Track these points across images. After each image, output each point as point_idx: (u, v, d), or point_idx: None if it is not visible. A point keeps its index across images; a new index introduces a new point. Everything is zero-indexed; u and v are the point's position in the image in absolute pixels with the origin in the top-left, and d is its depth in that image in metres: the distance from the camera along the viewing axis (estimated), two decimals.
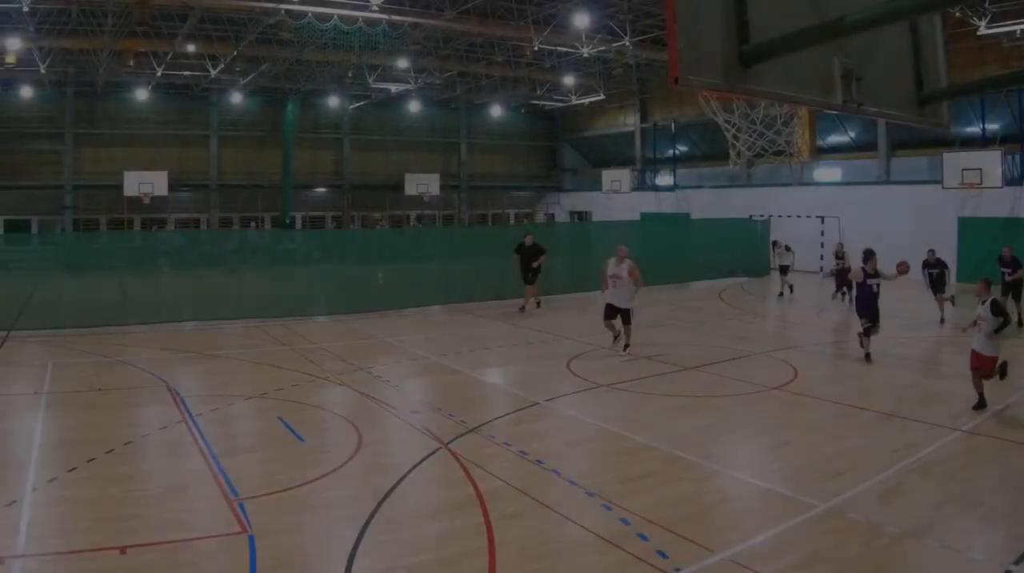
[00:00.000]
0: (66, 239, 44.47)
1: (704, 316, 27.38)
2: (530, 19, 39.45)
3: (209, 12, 36.83)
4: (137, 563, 8.59)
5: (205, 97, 55.61)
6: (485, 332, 24.53)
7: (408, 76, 50.59)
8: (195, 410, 14.79)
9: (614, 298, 20.30)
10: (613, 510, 10.09)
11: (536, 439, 13.26)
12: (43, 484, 10.91)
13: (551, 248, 28.77)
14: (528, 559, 8.81)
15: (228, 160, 57.77)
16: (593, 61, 48.71)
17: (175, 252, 37.51)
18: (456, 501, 10.47)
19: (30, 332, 23.20)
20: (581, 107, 60.49)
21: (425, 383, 18.13)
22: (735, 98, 31.55)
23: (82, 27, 38.55)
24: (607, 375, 18.07)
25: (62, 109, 52.46)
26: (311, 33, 38.11)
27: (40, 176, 52.35)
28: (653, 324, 25.36)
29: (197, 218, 57.15)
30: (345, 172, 61.45)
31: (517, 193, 68.29)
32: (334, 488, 11.02)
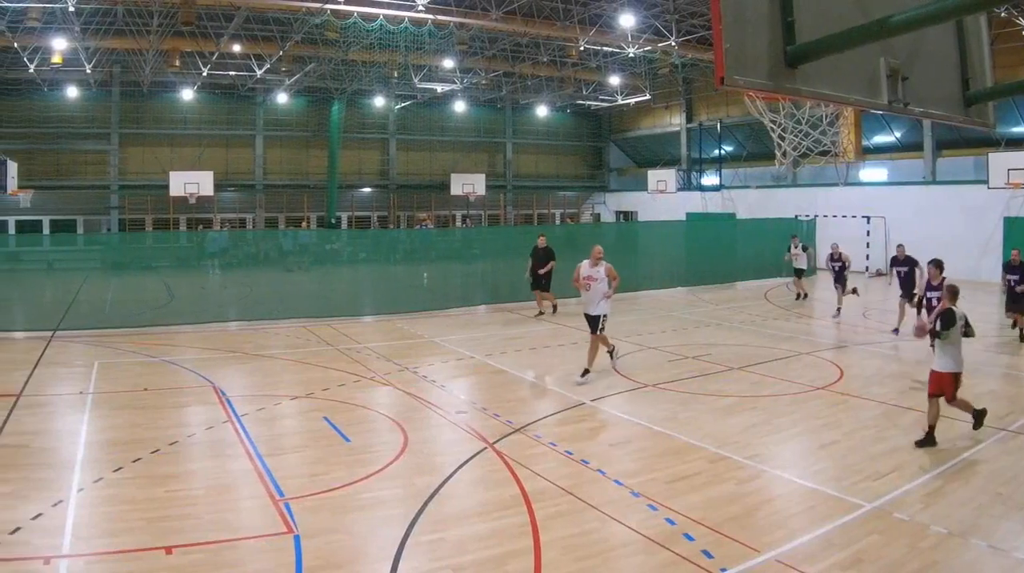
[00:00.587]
0: (111, 239, 44.73)
1: (749, 316, 27.25)
2: (576, 19, 39.49)
3: (255, 12, 36.95)
4: (183, 563, 8.63)
5: (251, 97, 55.80)
6: (530, 332, 24.49)
7: (454, 76, 50.63)
8: (241, 410, 14.85)
9: (588, 304, 18.13)
10: (659, 510, 10.11)
11: (582, 439, 13.26)
12: (89, 484, 10.97)
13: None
14: (574, 559, 8.80)
15: (274, 160, 57.98)
16: (639, 61, 48.67)
17: (224, 252, 37.75)
18: (502, 501, 10.49)
19: (76, 332, 23.29)
20: (627, 107, 60.37)
21: (471, 383, 18.11)
22: (781, 98, 31.37)
23: (128, 27, 38.79)
24: (652, 375, 18.06)
25: (108, 109, 52.75)
26: (357, 33, 38.19)
27: (86, 176, 52.67)
28: (699, 324, 25.43)
29: (243, 218, 57.32)
30: (391, 172, 61.52)
31: (562, 193, 68.17)
32: (380, 488, 11.04)
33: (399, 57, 44.11)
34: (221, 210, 55.82)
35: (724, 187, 53.64)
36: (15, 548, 8.86)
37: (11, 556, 8.66)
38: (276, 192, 57.76)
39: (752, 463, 11.83)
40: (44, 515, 9.78)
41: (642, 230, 45.79)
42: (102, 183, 52.74)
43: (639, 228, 48.41)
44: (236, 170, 56.44)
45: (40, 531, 9.34)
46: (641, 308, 28.98)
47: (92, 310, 27.19)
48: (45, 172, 50.64)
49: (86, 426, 13.93)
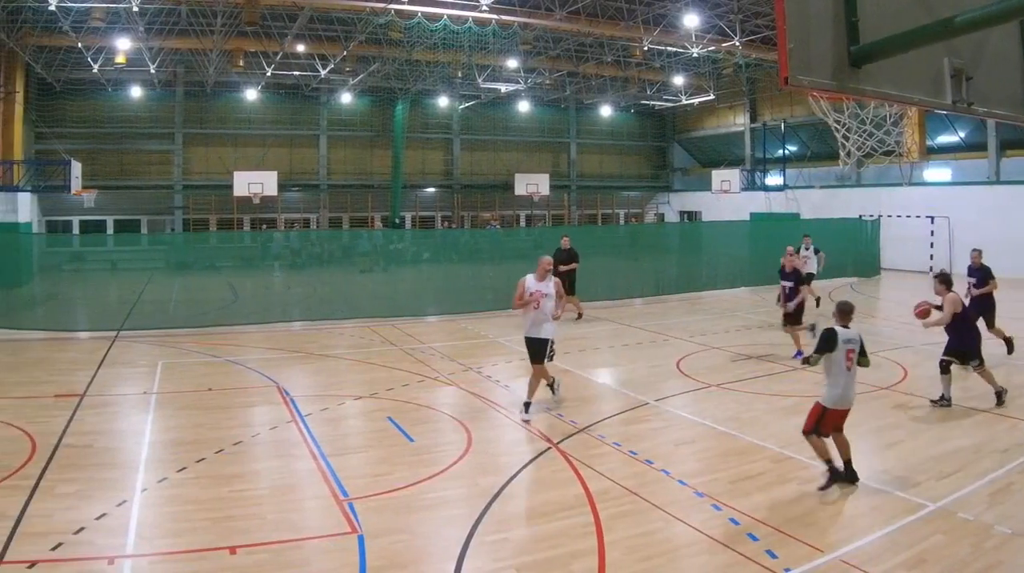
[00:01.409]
0: (175, 239, 45.15)
1: (813, 316, 26.93)
2: (640, 19, 39.45)
3: (318, 12, 37.21)
4: (247, 563, 8.70)
5: (315, 97, 56.15)
6: (594, 332, 24.46)
7: (518, 76, 50.74)
8: (305, 410, 14.94)
9: (534, 327, 15.13)
10: (723, 510, 10.12)
11: (646, 439, 13.28)
12: (153, 484, 11.08)
13: (661, 248, 28.37)
14: (637, 559, 8.81)
15: (337, 160, 58.27)
16: (703, 61, 48.64)
17: (291, 253, 38.01)
18: (565, 501, 10.51)
19: (140, 332, 23.49)
20: (691, 107, 60.41)
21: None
22: (845, 98, 31.20)
23: (191, 27, 39.13)
24: (716, 375, 18.06)
25: (171, 109, 53.34)
26: (421, 33, 38.31)
27: (150, 176, 53.28)
28: (762, 325, 25.52)
29: (307, 218, 57.63)
30: (455, 172, 61.74)
31: (626, 193, 68.07)
32: (444, 488, 11.09)
33: (463, 57, 44.22)
34: (285, 210, 56.21)
35: (788, 187, 53.30)
36: (79, 548, 8.93)
37: (75, 556, 8.73)
38: (340, 192, 58.03)
39: (816, 463, 11.63)
40: (108, 515, 9.87)
41: (706, 230, 45.76)
42: (166, 183, 53.33)
43: (703, 228, 48.35)
44: (300, 170, 56.80)
45: (104, 531, 9.42)
46: (705, 308, 28.93)
47: (156, 310, 27.44)
48: (109, 172, 51.22)
49: (150, 426, 14.06)
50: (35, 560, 8.55)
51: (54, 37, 38.77)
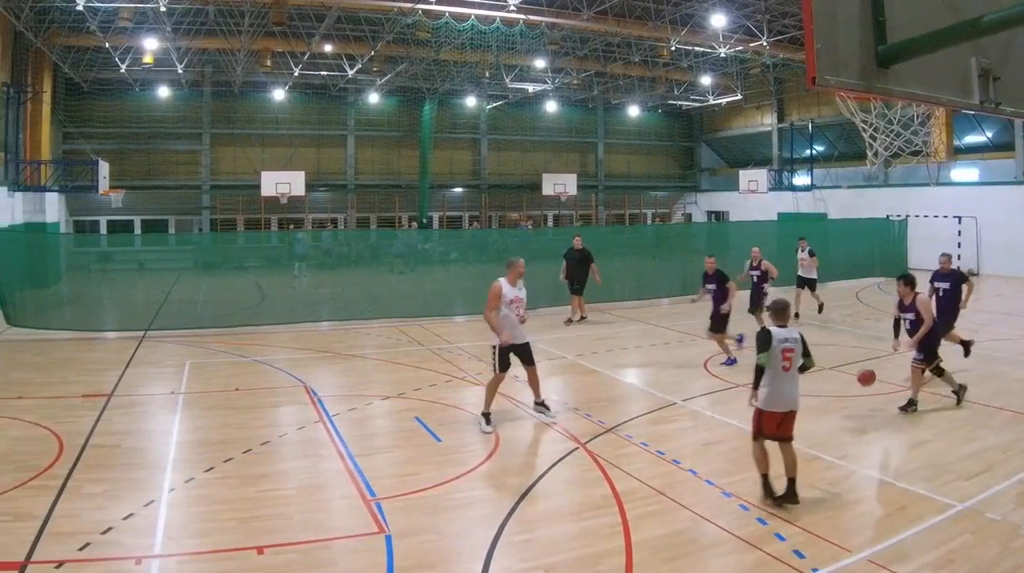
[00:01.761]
0: (203, 239, 45.28)
1: (841, 316, 27.03)
2: (667, 19, 39.40)
3: (346, 12, 37.23)
4: (274, 563, 8.72)
5: (342, 97, 56.22)
6: (622, 332, 24.45)
7: (545, 76, 50.75)
8: (332, 410, 14.95)
9: (517, 330, 14.58)
10: (750, 510, 10.13)
11: (673, 439, 13.27)
12: (180, 484, 11.10)
13: (689, 248, 28.15)
14: (665, 559, 8.80)
15: (365, 160, 58.35)
16: (730, 61, 48.62)
17: (322, 252, 38.08)
18: (593, 501, 10.51)
19: (167, 332, 23.55)
20: (718, 107, 60.43)
21: (562, 383, 18.05)
22: (872, 98, 31.08)
23: (219, 27, 39.21)
24: (744, 375, 17.71)
25: (199, 109, 53.55)
26: (448, 33, 38.37)
27: (177, 176, 53.48)
28: (791, 324, 25.06)
29: (334, 218, 57.75)
30: (482, 172, 61.74)
31: (654, 193, 67.91)
32: (471, 488, 11.11)
33: (491, 57, 44.26)
34: (312, 210, 56.30)
35: (815, 187, 53.16)
36: (107, 548, 8.95)
37: (103, 556, 8.76)
38: (367, 192, 58.13)
39: (843, 463, 11.81)
40: (136, 515, 9.90)
41: (733, 230, 45.60)
42: (194, 183, 53.51)
43: (730, 228, 48.23)
44: (327, 170, 56.89)
45: (132, 531, 9.44)
46: (733, 309, 28.76)
47: (183, 310, 27.54)
48: (137, 172, 51.41)
49: (177, 426, 14.10)
50: (63, 560, 8.57)
51: (82, 37, 38.93)
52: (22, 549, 8.79)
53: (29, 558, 8.61)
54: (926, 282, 18.63)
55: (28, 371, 18.64)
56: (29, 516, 9.73)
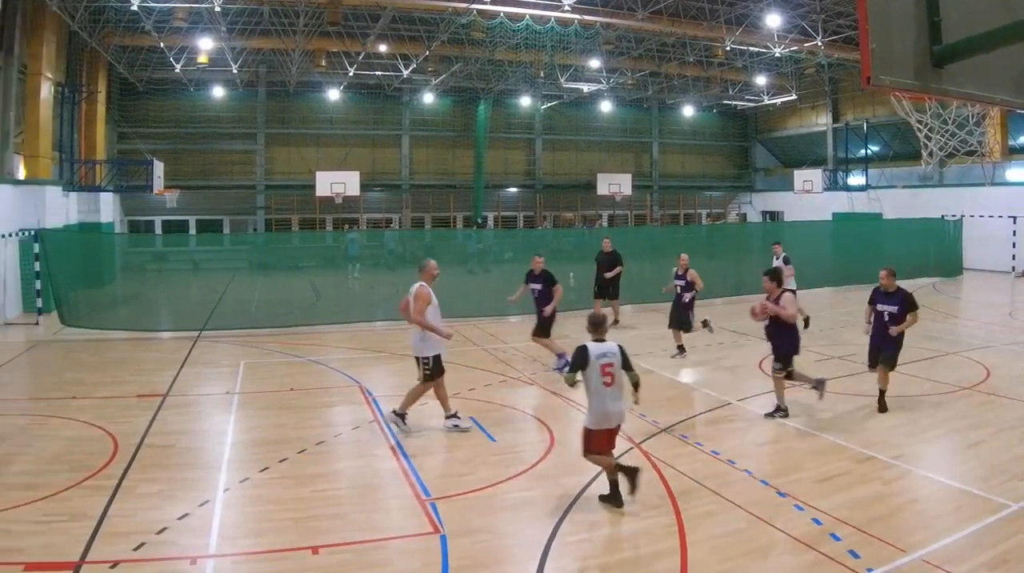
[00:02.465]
0: (258, 239, 45.57)
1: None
2: (722, 19, 39.29)
3: (401, 12, 37.24)
4: (329, 563, 8.76)
5: (397, 97, 56.31)
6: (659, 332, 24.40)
7: (600, 76, 50.58)
8: (387, 410, 14.89)
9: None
10: (805, 510, 10.10)
11: (728, 439, 13.28)
12: (235, 484, 11.18)
13: (743, 248, 27.92)
14: (720, 559, 8.82)
15: (420, 160, 58.47)
16: (785, 61, 48.37)
17: (388, 252, 38.20)
18: (648, 501, 10.50)
19: (222, 331, 23.67)
20: (773, 107, 60.04)
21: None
22: (927, 98, 30.82)
23: (274, 27, 39.42)
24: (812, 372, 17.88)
25: (254, 109, 53.89)
26: (503, 33, 38.40)
27: (232, 176, 53.79)
28: (845, 324, 25.42)
29: (389, 218, 57.83)
30: (537, 172, 61.70)
31: (709, 193, 67.64)
32: (526, 488, 11.14)
33: (545, 57, 44.18)
34: (367, 210, 56.38)
35: (870, 187, 52.80)
36: (162, 548, 9.03)
37: (158, 556, 8.84)
38: (422, 192, 58.21)
39: (898, 463, 11.77)
40: (191, 515, 9.98)
41: (788, 230, 45.41)
42: (248, 183, 53.82)
43: (785, 228, 48.01)
44: (382, 170, 57.04)
45: (186, 531, 9.52)
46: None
47: (238, 310, 27.69)
48: (191, 172, 51.75)
49: (232, 426, 14.22)
50: (117, 560, 8.63)
51: (136, 37, 39.14)
52: (77, 549, 8.84)
53: (84, 558, 8.66)
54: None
55: (83, 371, 18.81)
56: (84, 516, 9.80)
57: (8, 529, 9.44)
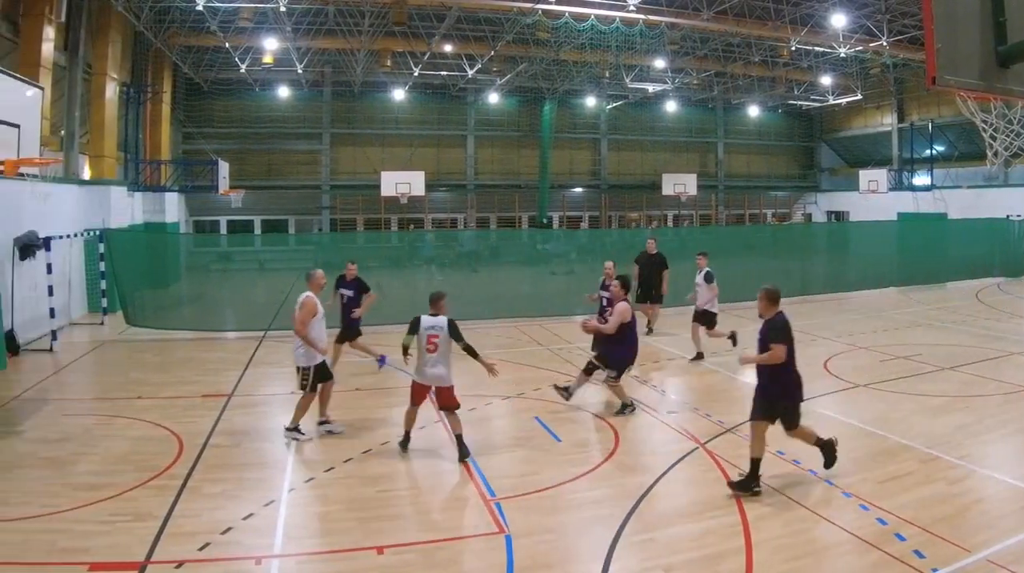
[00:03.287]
0: (323, 239, 45.65)
1: (961, 316, 26.59)
2: (787, 19, 39.13)
3: (466, 12, 37.40)
4: (394, 563, 8.77)
5: (462, 97, 56.60)
6: (741, 332, 24.15)
7: (665, 76, 50.54)
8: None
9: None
10: (870, 510, 10.03)
11: (793, 439, 13.07)
12: (300, 484, 11.23)
13: (809, 248, 27.65)
14: (785, 559, 8.79)
15: (485, 160, 58.70)
16: (850, 61, 48.24)
17: (469, 253, 38.22)
18: (713, 501, 10.50)
19: (287, 332, 23.37)
20: (838, 107, 59.85)
21: (682, 383, 18.18)
22: (992, 98, 30.41)
23: (339, 27, 39.65)
24: (864, 375, 17.90)
25: (319, 109, 54.33)
26: (568, 33, 38.49)
27: (297, 176, 54.22)
28: (910, 324, 25.14)
29: (454, 218, 58.11)
30: (602, 172, 61.71)
31: (774, 193, 67.39)
32: (591, 488, 11.11)
33: (610, 57, 44.19)
34: (432, 210, 56.63)
35: (935, 187, 52.34)
36: (227, 548, 9.08)
37: (223, 556, 8.88)
38: (487, 192, 58.41)
39: (963, 463, 11.67)
40: (255, 515, 10.03)
41: (853, 230, 45.18)
42: (313, 183, 54.27)
43: (850, 228, 47.77)
44: (447, 170, 57.36)
45: (251, 531, 9.57)
46: (852, 308, 28.61)
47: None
48: (256, 172, 52.27)
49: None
50: (182, 560, 8.69)
51: (201, 37, 39.59)
52: (142, 549, 8.92)
53: (149, 558, 8.73)
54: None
55: (148, 371, 18.98)
56: (149, 516, 9.88)
57: (73, 529, 9.51)
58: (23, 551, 8.91)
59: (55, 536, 9.28)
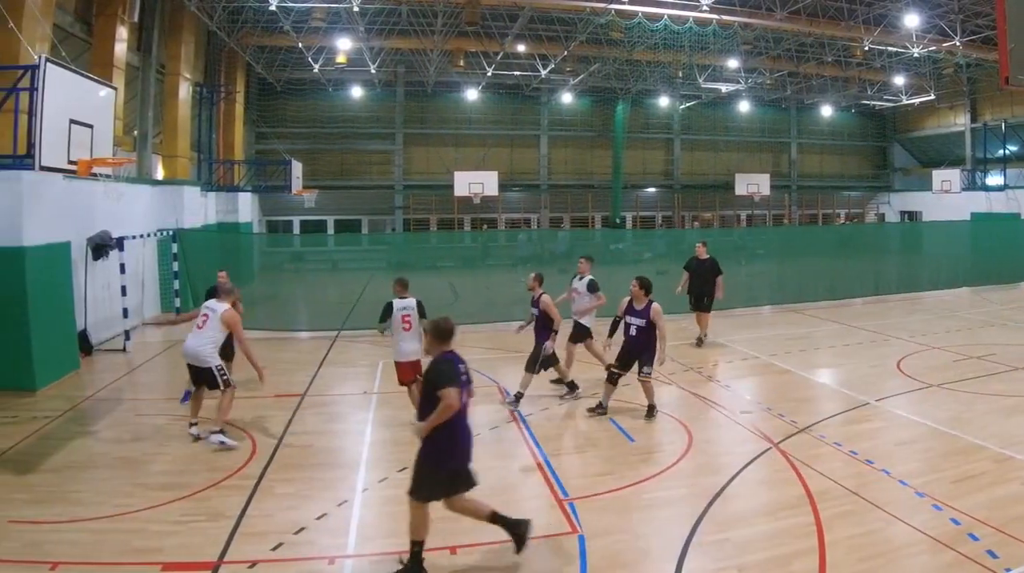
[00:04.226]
0: (396, 239, 45.87)
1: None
2: (860, 19, 38.84)
3: (539, 12, 37.31)
4: (467, 563, 8.88)
5: (535, 97, 56.53)
6: (816, 332, 24.19)
7: (738, 76, 50.25)
8: (525, 410, 15.07)
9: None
10: (943, 510, 10.01)
11: (866, 439, 13.18)
12: (373, 484, 11.33)
13: (882, 248, 27.34)
14: (858, 559, 8.78)
15: (558, 160, 58.66)
16: (923, 61, 47.62)
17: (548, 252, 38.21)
18: (786, 501, 10.52)
19: (360, 332, 23.65)
20: (911, 107, 59.17)
21: (755, 383, 18.10)
22: None
23: (412, 27, 39.79)
24: (937, 375, 17.79)
25: (392, 109, 54.42)
26: (641, 33, 38.40)
27: (370, 176, 54.46)
28: (984, 324, 24.98)
29: (527, 218, 58.16)
30: (675, 172, 61.57)
31: (847, 193, 66.86)
32: (664, 488, 11.16)
33: (683, 57, 44.09)
34: (505, 210, 56.67)
35: (1008, 187, 51.68)
36: (300, 548, 9.19)
37: (296, 556, 8.99)
38: (560, 192, 58.36)
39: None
40: (329, 515, 10.14)
41: (926, 230, 44.80)
42: (387, 183, 54.47)
43: (923, 228, 47.37)
44: (520, 170, 57.39)
45: (325, 531, 9.68)
46: (925, 308, 28.42)
47: (377, 310, 27.75)
48: (329, 172, 52.53)
49: (370, 426, 14.39)
50: (256, 560, 8.81)
51: (275, 37, 39.84)
52: (215, 549, 9.03)
53: (222, 558, 8.85)
54: None
55: None
56: (222, 516, 10.01)
57: (146, 529, 9.65)
58: (97, 551, 9.04)
59: (129, 536, 9.42)
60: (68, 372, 18.05)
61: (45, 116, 14.59)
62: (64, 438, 13.36)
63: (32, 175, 16.34)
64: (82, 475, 11.65)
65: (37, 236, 17.22)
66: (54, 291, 17.81)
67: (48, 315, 17.43)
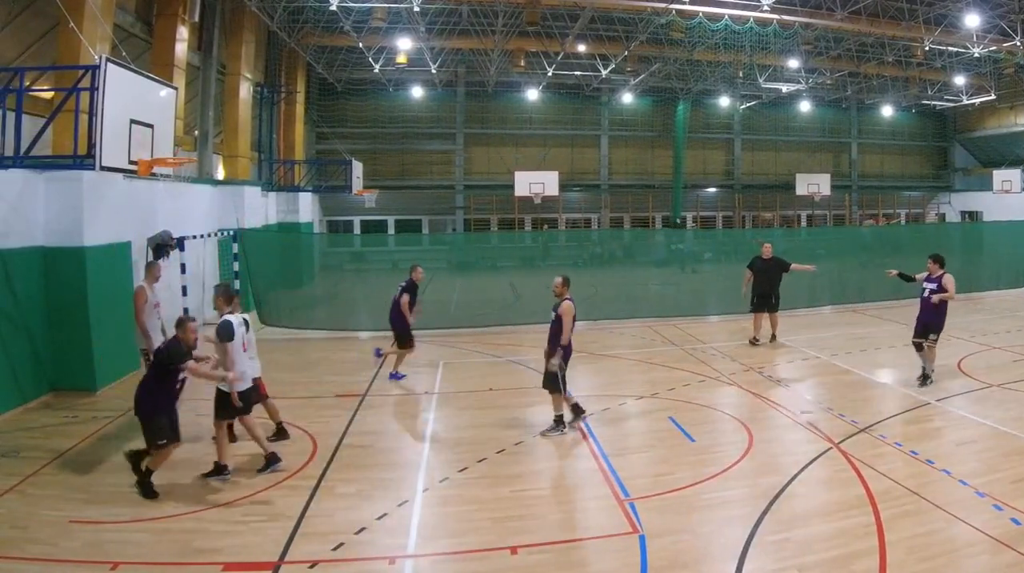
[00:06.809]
0: (456, 239, 45.89)
1: None
2: (920, 19, 38.50)
3: (599, 12, 37.13)
4: (528, 563, 8.84)
5: (595, 97, 56.36)
6: (876, 332, 24.04)
7: (799, 76, 49.99)
8: (586, 410, 14.91)
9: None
10: (1004, 510, 9.94)
11: (927, 439, 13.16)
12: (434, 484, 11.31)
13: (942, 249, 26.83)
14: (919, 559, 8.74)
15: (618, 160, 58.53)
16: (984, 61, 47.14)
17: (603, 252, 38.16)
18: (847, 501, 10.47)
19: (420, 332, 23.37)
20: (971, 107, 58.60)
21: (815, 383, 17.97)
22: None
23: (472, 27, 39.64)
24: (998, 375, 17.67)
25: (452, 109, 54.48)
26: (702, 33, 38.22)
27: (431, 176, 54.50)
28: None
29: (587, 218, 58.05)
30: (735, 172, 61.33)
31: (907, 193, 66.42)
32: (724, 488, 11.12)
33: (744, 57, 43.89)
34: (566, 210, 56.64)
35: None
36: (360, 548, 9.20)
37: (356, 556, 9.01)
38: (621, 192, 58.25)
39: None
40: (389, 515, 10.15)
41: (987, 230, 44.38)
42: (447, 183, 54.54)
43: (984, 229, 46.93)
44: (581, 170, 57.36)
45: (385, 531, 9.69)
46: (987, 308, 28.26)
47: (437, 310, 27.83)
48: (390, 172, 52.72)
49: (431, 426, 14.41)
50: (316, 560, 8.82)
51: (335, 37, 39.82)
52: (276, 549, 9.08)
53: (283, 558, 8.89)
54: None
55: (281, 371, 19.05)
56: (282, 516, 10.06)
57: (207, 529, 9.72)
58: (158, 551, 9.12)
59: (189, 536, 9.49)
60: (128, 373, 18.05)
61: (106, 116, 14.67)
62: (124, 438, 13.40)
63: (93, 175, 16.47)
64: None
65: (98, 236, 17.32)
66: (115, 291, 17.88)
67: (108, 315, 17.52)
